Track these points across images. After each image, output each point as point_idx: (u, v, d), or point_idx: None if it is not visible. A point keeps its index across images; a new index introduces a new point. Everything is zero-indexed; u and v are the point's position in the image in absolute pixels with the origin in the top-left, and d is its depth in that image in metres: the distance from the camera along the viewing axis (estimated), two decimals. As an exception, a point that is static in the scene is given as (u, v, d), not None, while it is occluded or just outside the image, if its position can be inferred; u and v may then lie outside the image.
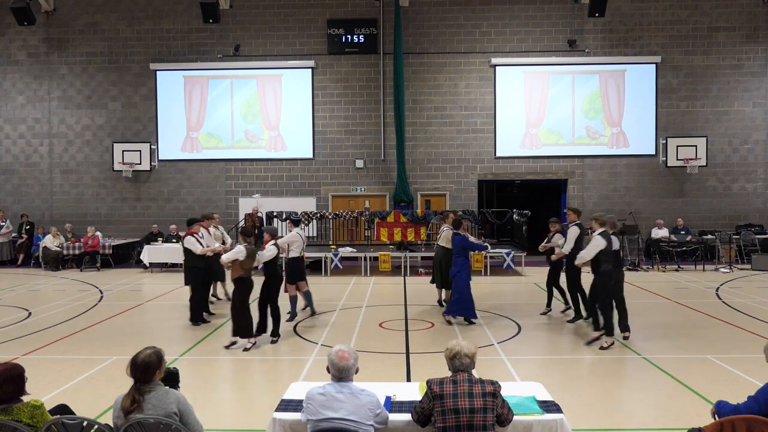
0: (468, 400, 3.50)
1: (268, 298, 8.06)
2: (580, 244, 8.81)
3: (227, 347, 7.69)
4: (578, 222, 9.09)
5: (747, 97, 17.94)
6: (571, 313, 9.36)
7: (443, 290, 10.36)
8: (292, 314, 9.47)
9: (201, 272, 9.33)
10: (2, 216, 17.73)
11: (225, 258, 7.74)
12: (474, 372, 3.78)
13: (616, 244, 7.83)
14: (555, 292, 9.89)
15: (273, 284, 8.06)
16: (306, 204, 17.92)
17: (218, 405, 5.67)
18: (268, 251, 7.96)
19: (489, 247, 10.41)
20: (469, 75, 18.19)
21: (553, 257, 9.42)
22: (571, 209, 9.34)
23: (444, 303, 10.30)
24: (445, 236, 10.04)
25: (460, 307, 9.03)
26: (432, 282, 10.71)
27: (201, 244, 9.31)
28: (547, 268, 9.91)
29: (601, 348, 7.51)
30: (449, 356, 3.72)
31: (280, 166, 18.45)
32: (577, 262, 8.12)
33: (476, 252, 12.47)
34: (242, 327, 7.70)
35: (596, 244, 7.60)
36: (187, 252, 9.30)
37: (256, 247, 7.94)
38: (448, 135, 18.20)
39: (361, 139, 18.31)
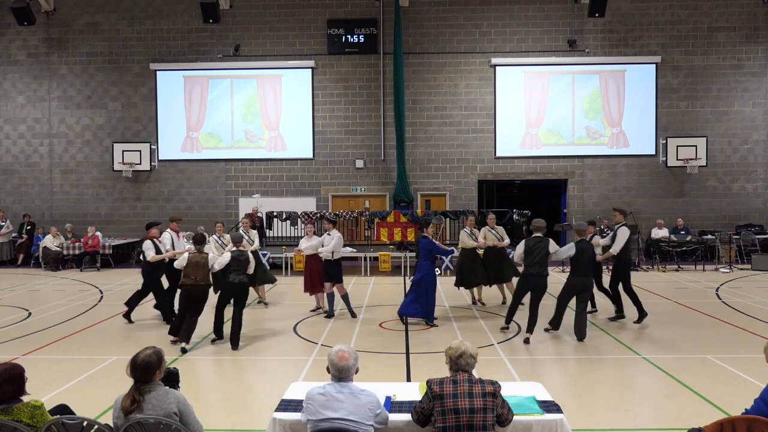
0: (468, 400, 3.50)
1: (235, 304, 7.90)
2: (629, 245, 8.98)
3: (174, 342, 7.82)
4: (625, 222, 9.05)
5: (747, 97, 17.94)
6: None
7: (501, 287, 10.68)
8: (352, 312, 9.65)
9: (158, 276, 9.20)
10: (2, 216, 17.73)
11: (176, 264, 7.95)
12: (474, 372, 3.77)
13: (566, 252, 8.06)
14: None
15: (239, 291, 7.92)
16: (306, 204, 17.92)
17: (218, 405, 5.66)
18: (224, 257, 7.92)
19: (455, 251, 10.40)
20: (469, 75, 18.19)
21: (599, 258, 9.05)
22: (618, 210, 9.29)
23: (481, 302, 10.70)
24: (462, 239, 10.41)
25: (421, 307, 8.95)
26: (461, 285, 10.60)
27: (159, 249, 9.09)
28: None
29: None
30: (454, 356, 3.69)
31: (280, 166, 18.46)
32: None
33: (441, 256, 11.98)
34: (173, 325, 8.05)
35: (518, 246, 8.32)
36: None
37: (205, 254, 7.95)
38: (448, 135, 18.21)
39: (361, 139, 18.31)
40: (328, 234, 9.52)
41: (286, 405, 4.01)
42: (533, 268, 7.99)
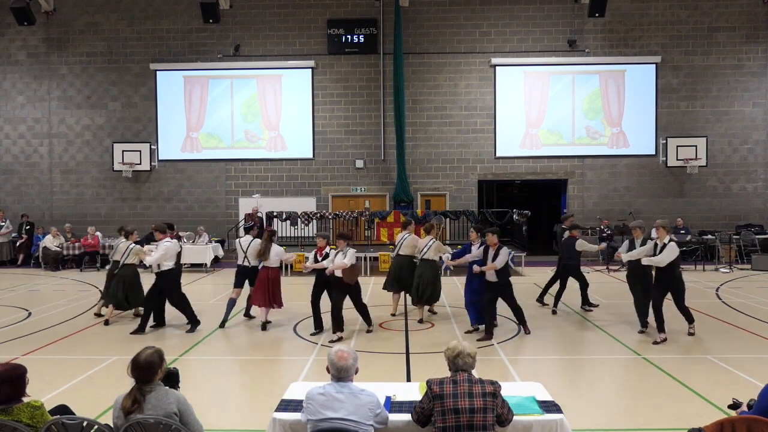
0: (468, 400, 3.50)
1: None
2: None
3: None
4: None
5: (747, 97, 17.94)
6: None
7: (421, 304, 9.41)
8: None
9: None
10: (2, 216, 17.73)
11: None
12: (474, 372, 3.78)
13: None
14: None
15: None
16: (306, 204, 17.92)
17: (218, 405, 5.66)
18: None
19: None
20: (469, 75, 18.19)
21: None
22: (639, 226, 8.58)
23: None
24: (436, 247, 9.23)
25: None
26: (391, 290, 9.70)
27: None
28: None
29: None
30: (452, 355, 3.70)
31: (280, 166, 18.45)
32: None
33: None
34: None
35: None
36: None
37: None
38: (448, 135, 18.21)
39: (361, 139, 18.31)
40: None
41: (286, 405, 4.01)
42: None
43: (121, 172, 18.23)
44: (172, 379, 3.83)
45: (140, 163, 18.21)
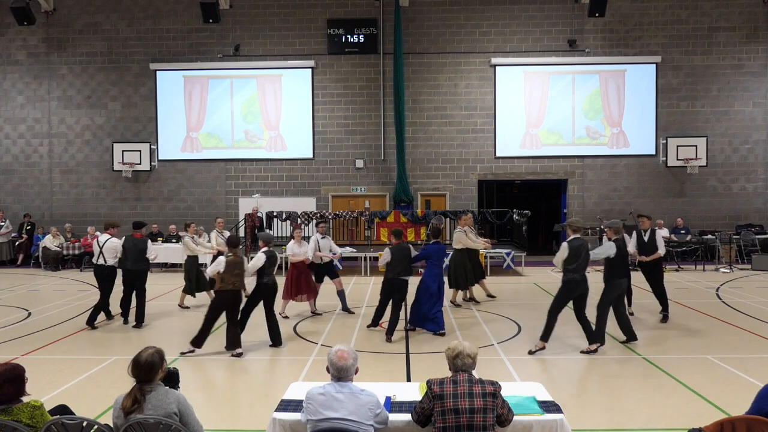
0: (468, 401, 3.50)
1: (266, 305, 7.84)
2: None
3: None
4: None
5: (747, 97, 17.94)
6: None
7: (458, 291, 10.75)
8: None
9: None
10: (2, 216, 17.73)
11: (210, 270, 7.52)
12: (474, 372, 3.78)
13: (605, 252, 7.52)
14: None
15: (271, 291, 7.86)
16: (306, 204, 17.93)
17: (218, 405, 5.66)
18: (258, 259, 7.66)
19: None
20: (469, 75, 18.19)
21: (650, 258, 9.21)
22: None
23: (475, 300, 10.89)
24: (457, 238, 10.55)
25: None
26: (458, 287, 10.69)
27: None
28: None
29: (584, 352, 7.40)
30: (452, 356, 3.71)
31: (280, 166, 18.46)
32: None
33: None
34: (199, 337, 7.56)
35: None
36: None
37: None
38: (448, 135, 18.21)
39: (361, 139, 18.31)
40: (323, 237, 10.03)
41: (286, 405, 4.01)
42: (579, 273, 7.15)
43: (121, 172, 18.23)
44: (172, 379, 3.83)
45: (140, 163, 18.21)
